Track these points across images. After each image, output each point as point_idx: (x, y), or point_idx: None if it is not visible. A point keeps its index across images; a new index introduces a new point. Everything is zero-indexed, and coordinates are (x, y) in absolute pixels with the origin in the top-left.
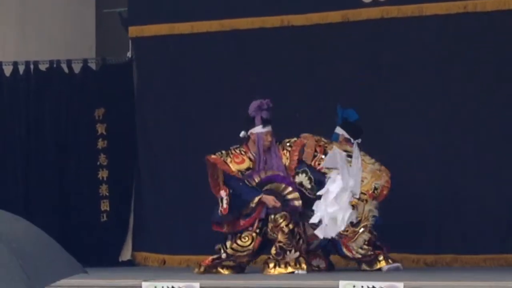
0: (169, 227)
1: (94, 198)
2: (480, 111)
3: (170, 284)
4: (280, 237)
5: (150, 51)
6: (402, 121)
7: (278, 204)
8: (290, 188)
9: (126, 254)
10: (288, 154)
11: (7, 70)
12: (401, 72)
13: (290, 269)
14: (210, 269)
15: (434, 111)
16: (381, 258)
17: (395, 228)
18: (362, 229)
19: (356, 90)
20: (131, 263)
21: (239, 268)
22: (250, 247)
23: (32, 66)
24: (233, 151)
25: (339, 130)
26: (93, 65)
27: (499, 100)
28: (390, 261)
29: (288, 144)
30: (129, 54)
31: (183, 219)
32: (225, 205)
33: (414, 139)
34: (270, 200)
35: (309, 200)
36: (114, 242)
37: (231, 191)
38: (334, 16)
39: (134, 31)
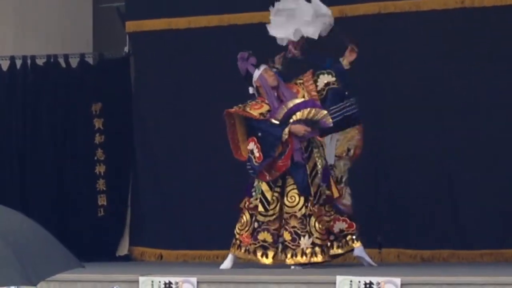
0: (166, 222)
1: (91, 193)
2: (477, 105)
3: (167, 279)
4: (293, 222)
5: (148, 46)
6: (399, 114)
7: (309, 129)
8: (314, 110)
9: (123, 249)
10: (303, 86)
11: (4, 65)
12: (398, 67)
13: (305, 259)
14: (247, 254)
15: (431, 105)
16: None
17: (392, 223)
18: (343, 184)
19: (354, 84)
20: (128, 258)
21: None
22: (274, 210)
23: (29, 61)
24: (249, 103)
25: None
26: (90, 60)
27: (495, 94)
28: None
29: (299, 79)
30: (126, 49)
31: (180, 214)
32: (257, 154)
33: (411, 133)
34: (299, 128)
35: (343, 93)
36: (111, 237)
37: (259, 134)
38: (331, 11)
39: (132, 26)
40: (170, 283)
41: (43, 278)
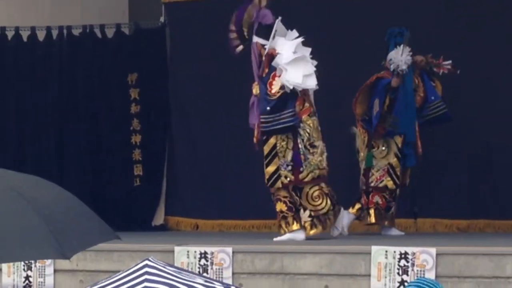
0: (202, 192)
1: (127, 163)
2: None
3: (202, 249)
4: (279, 206)
5: (183, 16)
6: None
7: None
8: None
9: (159, 218)
10: None
11: (41, 35)
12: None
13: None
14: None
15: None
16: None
17: (427, 193)
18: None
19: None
20: (163, 228)
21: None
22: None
23: (65, 31)
24: None
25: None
26: (126, 30)
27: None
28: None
29: None
30: (162, 19)
31: (216, 183)
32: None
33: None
34: None
35: None
36: (147, 207)
37: None
38: None
39: None
40: (205, 253)
41: (78, 251)
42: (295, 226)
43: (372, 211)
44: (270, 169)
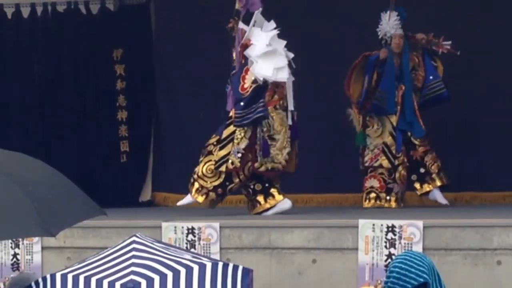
0: (189, 167)
1: (114, 139)
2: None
3: (190, 224)
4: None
5: None
6: None
7: None
8: None
9: (146, 194)
10: None
11: (25, 12)
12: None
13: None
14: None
15: None
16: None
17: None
18: None
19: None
20: (151, 204)
21: None
22: None
23: (50, 8)
24: None
25: None
26: (111, 6)
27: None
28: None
29: None
30: None
31: None
32: None
33: None
34: None
35: None
36: (134, 183)
37: None
38: None
39: None
40: (193, 228)
41: (63, 228)
42: (278, 197)
43: (364, 195)
44: (222, 152)
